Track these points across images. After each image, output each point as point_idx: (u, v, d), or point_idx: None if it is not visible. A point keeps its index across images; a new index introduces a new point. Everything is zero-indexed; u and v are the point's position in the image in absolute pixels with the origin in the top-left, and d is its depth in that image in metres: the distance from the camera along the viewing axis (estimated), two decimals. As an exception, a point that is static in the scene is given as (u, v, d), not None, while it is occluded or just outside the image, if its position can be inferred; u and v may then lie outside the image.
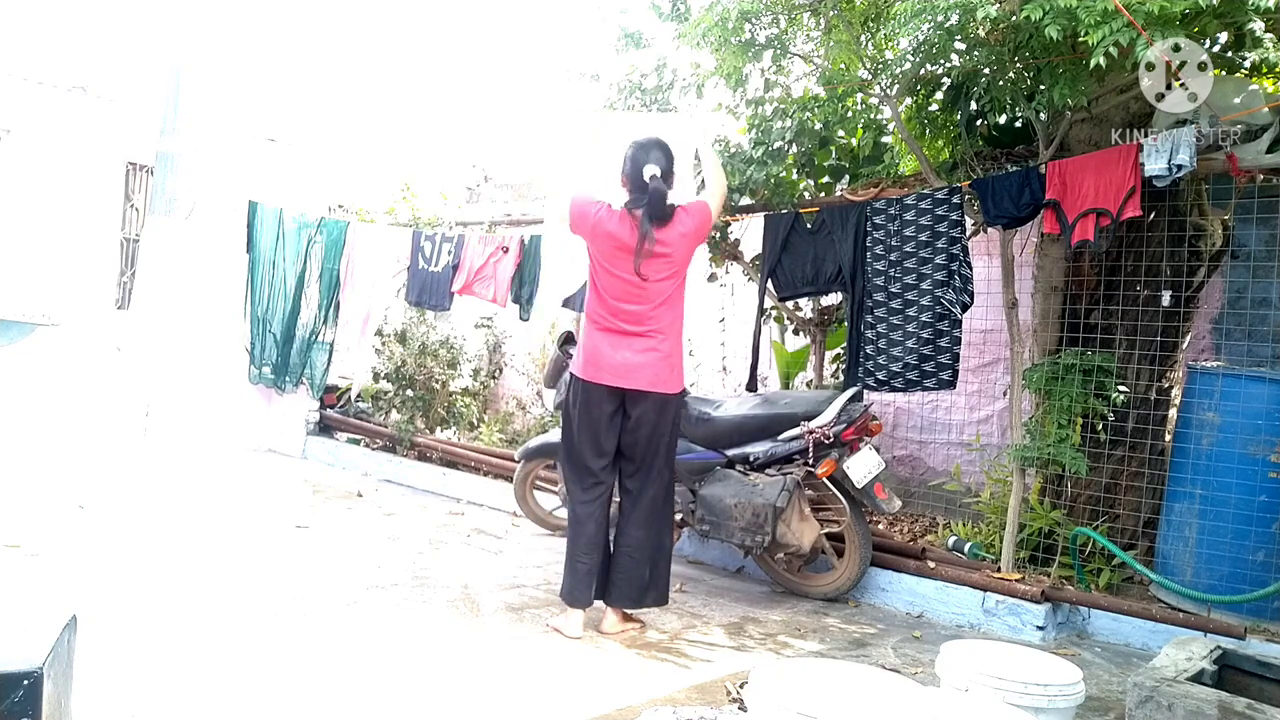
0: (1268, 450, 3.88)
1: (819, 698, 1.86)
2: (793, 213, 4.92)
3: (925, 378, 4.36)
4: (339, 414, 7.70)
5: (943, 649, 2.55)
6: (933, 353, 4.34)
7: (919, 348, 4.35)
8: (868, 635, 3.92)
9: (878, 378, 4.48)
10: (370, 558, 4.49)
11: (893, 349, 4.44)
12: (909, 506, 5.70)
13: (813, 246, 4.80)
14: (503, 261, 6.14)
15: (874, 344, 4.50)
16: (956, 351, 4.32)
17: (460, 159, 10.71)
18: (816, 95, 5.29)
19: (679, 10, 5.29)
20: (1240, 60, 4.08)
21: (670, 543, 3.82)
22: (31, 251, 8.11)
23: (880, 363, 4.47)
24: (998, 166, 4.90)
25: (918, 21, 3.72)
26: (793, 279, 4.89)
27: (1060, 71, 3.94)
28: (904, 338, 4.40)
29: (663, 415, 3.65)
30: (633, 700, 2.94)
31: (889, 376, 4.45)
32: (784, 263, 4.91)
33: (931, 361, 4.34)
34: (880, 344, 4.48)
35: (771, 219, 4.99)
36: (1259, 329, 4.71)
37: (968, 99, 4.71)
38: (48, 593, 3.50)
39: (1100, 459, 4.37)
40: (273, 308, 7.00)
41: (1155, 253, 4.41)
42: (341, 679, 2.94)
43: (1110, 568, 4.28)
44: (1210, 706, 2.26)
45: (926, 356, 4.34)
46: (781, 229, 4.91)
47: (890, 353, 4.45)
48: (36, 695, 1.56)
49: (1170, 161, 3.66)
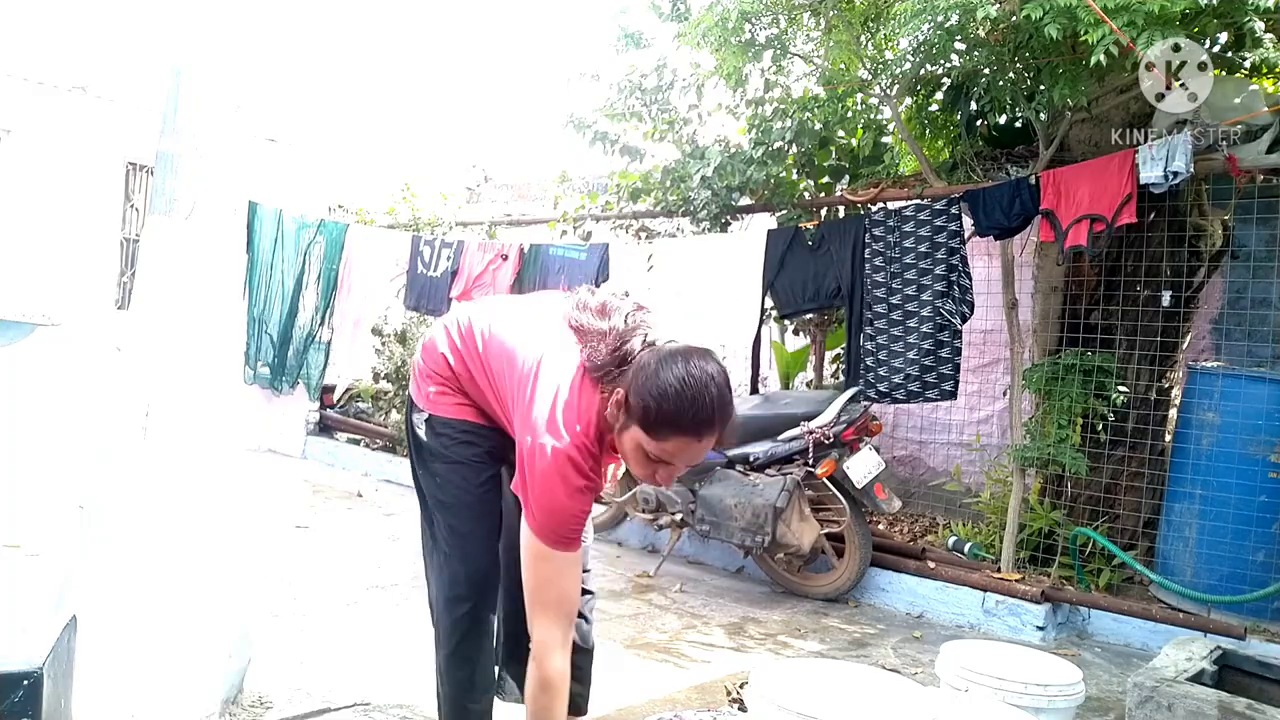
0: (1268, 450, 3.88)
1: (819, 698, 1.86)
2: (793, 228, 4.90)
3: (927, 389, 4.36)
4: (339, 414, 7.70)
5: (943, 649, 2.54)
6: (934, 364, 4.33)
7: (920, 359, 4.34)
8: (868, 635, 3.92)
9: (879, 389, 4.46)
10: (370, 558, 4.49)
11: (893, 360, 4.43)
12: (909, 506, 5.69)
13: (813, 263, 4.77)
14: (502, 269, 6.14)
15: (874, 356, 4.49)
16: (957, 362, 4.32)
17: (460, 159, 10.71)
18: (816, 95, 5.29)
19: (679, 10, 5.30)
20: (1240, 60, 4.07)
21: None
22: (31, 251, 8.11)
23: (881, 374, 4.46)
24: (998, 167, 4.90)
25: (918, 21, 3.73)
26: (793, 296, 4.86)
27: (1060, 71, 3.94)
28: (904, 349, 4.39)
29: None
30: (632, 700, 2.94)
31: (890, 389, 4.43)
32: (784, 280, 4.87)
33: (933, 373, 4.33)
34: (880, 355, 4.47)
35: (773, 234, 4.97)
36: (1259, 329, 4.70)
37: (968, 99, 4.72)
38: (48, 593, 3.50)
39: (1100, 459, 4.37)
40: (270, 308, 7.00)
41: (1155, 253, 4.41)
42: (342, 679, 2.94)
43: (1110, 568, 4.28)
44: (1210, 707, 2.26)
45: (928, 368, 4.33)
46: (782, 244, 4.89)
47: (891, 364, 4.43)
48: (36, 695, 1.56)
49: (1166, 169, 3.65)
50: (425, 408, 2.19)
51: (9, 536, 4.15)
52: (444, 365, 2.17)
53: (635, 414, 1.80)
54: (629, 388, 1.81)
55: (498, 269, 6.17)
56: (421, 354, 2.25)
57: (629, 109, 5.74)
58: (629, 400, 1.81)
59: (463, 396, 2.17)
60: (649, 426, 1.79)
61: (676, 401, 1.76)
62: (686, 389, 1.76)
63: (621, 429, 1.85)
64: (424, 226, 7.42)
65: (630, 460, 1.89)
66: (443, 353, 2.18)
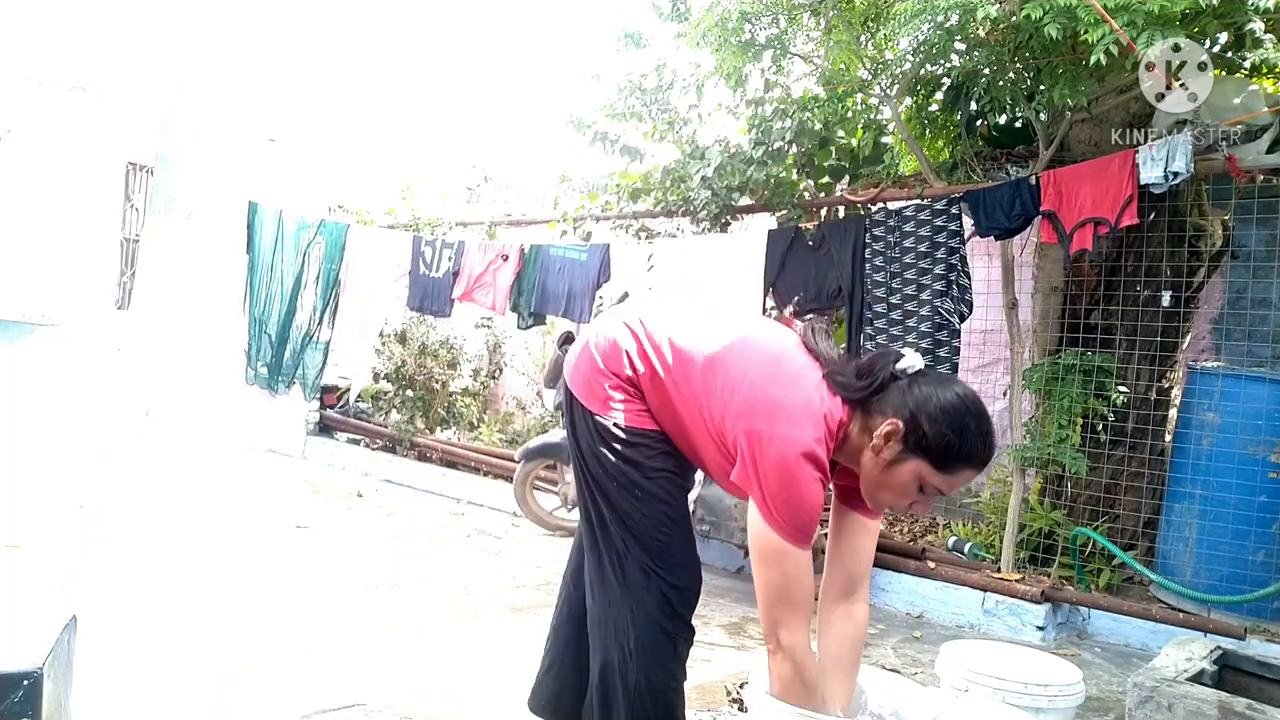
0: (1268, 450, 3.88)
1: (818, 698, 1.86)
2: (793, 229, 4.89)
3: None
4: (339, 414, 7.70)
5: (943, 649, 2.55)
6: (932, 363, 4.32)
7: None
8: (868, 635, 3.92)
9: None
10: (370, 558, 4.49)
11: None
12: (909, 507, 5.69)
13: (814, 264, 4.77)
14: (502, 269, 6.15)
15: None
16: (955, 362, 4.31)
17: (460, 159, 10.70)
18: (816, 95, 5.29)
19: (679, 10, 5.29)
20: (1240, 60, 4.07)
21: None
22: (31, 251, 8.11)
23: None
24: (998, 167, 4.90)
25: (918, 22, 3.73)
26: (793, 297, 4.86)
27: (1060, 71, 3.94)
28: (903, 349, 4.38)
29: None
30: (633, 700, 2.94)
31: None
32: (785, 280, 4.87)
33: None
34: None
35: (773, 234, 4.96)
36: (1259, 329, 4.70)
37: (968, 99, 4.71)
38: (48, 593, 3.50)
39: (1100, 459, 4.36)
40: (269, 308, 7.01)
41: (1155, 253, 4.41)
42: (341, 679, 2.94)
43: (1110, 568, 4.28)
44: (1210, 707, 2.26)
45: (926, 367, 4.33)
46: (782, 244, 4.89)
47: None
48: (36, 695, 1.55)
49: (1166, 169, 3.65)
50: (612, 413, 2.01)
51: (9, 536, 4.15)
52: (627, 366, 2.00)
53: (927, 448, 1.74)
54: (911, 420, 1.75)
55: (498, 269, 6.17)
56: (598, 354, 2.04)
57: (629, 109, 5.74)
58: (918, 431, 1.74)
59: (642, 403, 2.02)
60: (943, 460, 1.74)
61: (977, 437, 1.74)
62: (982, 422, 1.75)
63: (894, 462, 1.78)
64: (424, 227, 7.43)
65: (889, 491, 1.83)
66: (626, 350, 2.01)
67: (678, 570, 2.03)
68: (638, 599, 2.00)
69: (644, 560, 2.00)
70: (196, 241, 7.12)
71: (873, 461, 1.80)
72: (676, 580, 2.02)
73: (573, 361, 2.12)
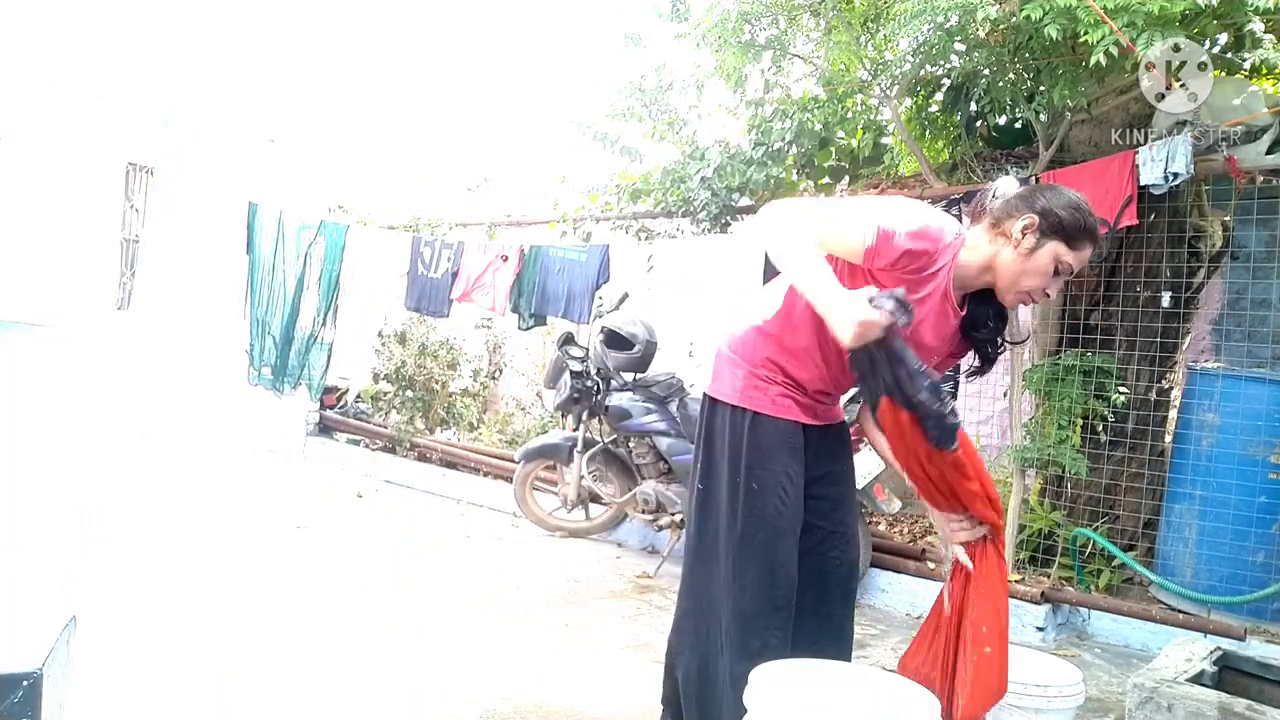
0: (1268, 451, 3.88)
1: (819, 698, 1.86)
2: None
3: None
4: (339, 414, 7.69)
5: (943, 650, 2.54)
6: None
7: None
8: (868, 635, 3.92)
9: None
10: (370, 558, 4.49)
11: None
12: (909, 507, 5.68)
13: None
14: (501, 270, 6.15)
15: None
16: None
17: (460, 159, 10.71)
18: (816, 96, 5.29)
19: (679, 10, 5.30)
20: (1240, 61, 4.08)
21: None
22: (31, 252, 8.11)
23: None
24: (998, 167, 4.90)
25: (917, 22, 3.73)
26: None
27: (1060, 72, 3.94)
28: None
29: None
30: (632, 701, 2.94)
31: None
32: None
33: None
34: None
35: None
36: (1259, 330, 4.71)
37: (967, 100, 4.71)
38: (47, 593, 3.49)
39: (1100, 460, 4.36)
40: (272, 309, 7.01)
41: (1155, 254, 4.41)
42: (342, 679, 2.94)
43: (1110, 569, 4.28)
44: (1210, 707, 2.26)
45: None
46: None
47: None
48: (36, 695, 1.55)
49: (1166, 170, 3.65)
50: (745, 405, 2.21)
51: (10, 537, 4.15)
52: (756, 339, 2.24)
53: (1061, 228, 2.01)
54: (1044, 212, 2.02)
55: (498, 270, 6.17)
56: (729, 344, 2.30)
57: (629, 110, 5.74)
58: (1051, 217, 2.01)
59: (785, 377, 2.22)
60: (1073, 236, 2.02)
61: (1090, 215, 2.04)
62: (1082, 200, 2.06)
63: (1032, 250, 2.03)
64: (424, 227, 7.43)
65: (1030, 275, 2.05)
66: (752, 326, 2.25)
67: (775, 558, 2.29)
68: (743, 573, 2.25)
69: (754, 538, 2.27)
70: (197, 241, 7.12)
71: (1012, 255, 2.05)
72: (775, 568, 2.27)
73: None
